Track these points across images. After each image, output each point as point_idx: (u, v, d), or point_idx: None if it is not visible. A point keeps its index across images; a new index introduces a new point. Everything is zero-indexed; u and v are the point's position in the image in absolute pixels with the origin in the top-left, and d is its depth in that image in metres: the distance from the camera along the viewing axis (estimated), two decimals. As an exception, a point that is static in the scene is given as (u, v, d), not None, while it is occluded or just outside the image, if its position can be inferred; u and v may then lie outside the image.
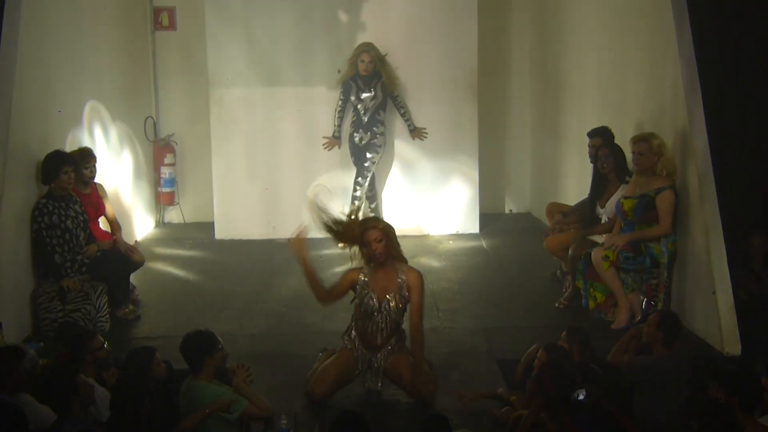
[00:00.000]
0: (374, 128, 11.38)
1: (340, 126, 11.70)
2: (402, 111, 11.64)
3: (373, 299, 7.04)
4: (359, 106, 11.36)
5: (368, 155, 11.42)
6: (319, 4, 11.78)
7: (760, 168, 8.75)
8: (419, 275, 7.15)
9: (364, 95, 11.31)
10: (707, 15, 8.55)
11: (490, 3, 12.60)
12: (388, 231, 7.05)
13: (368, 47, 11.29)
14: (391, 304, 7.03)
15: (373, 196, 11.79)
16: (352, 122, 11.48)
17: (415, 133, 11.78)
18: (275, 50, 11.74)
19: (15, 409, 5.45)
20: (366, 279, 7.09)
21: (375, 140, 11.40)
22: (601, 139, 9.23)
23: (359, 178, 11.48)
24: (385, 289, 7.04)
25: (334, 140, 11.77)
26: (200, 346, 6.24)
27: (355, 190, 11.47)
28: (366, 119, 11.35)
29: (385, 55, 11.41)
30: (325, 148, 11.82)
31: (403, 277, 7.06)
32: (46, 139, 8.74)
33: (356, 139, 11.45)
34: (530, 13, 13.15)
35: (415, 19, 11.80)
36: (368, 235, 6.99)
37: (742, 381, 5.95)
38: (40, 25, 8.77)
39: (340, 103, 11.56)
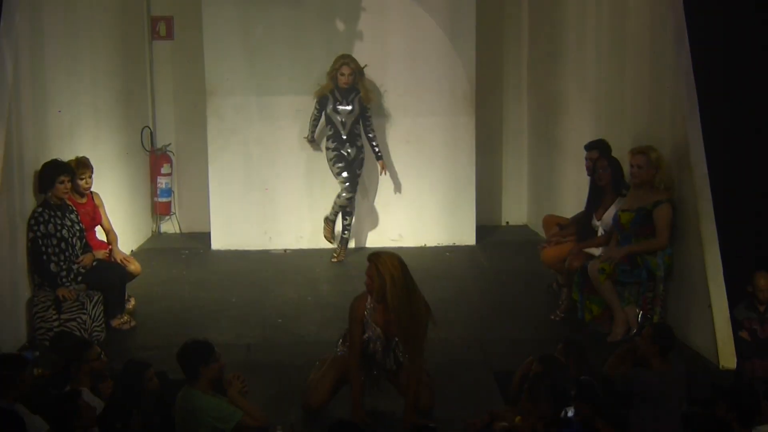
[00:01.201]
0: (357, 142, 11.19)
1: (313, 132, 11.48)
2: (371, 134, 11.26)
3: (375, 332, 6.98)
4: (336, 120, 11.11)
5: (357, 171, 11.26)
6: (317, 14, 11.79)
7: (758, 182, 8.75)
8: (427, 307, 6.98)
9: (342, 108, 11.07)
10: (705, 28, 8.56)
11: (488, 16, 12.61)
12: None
13: (348, 59, 11.09)
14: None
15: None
16: (330, 136, 11.23)
17: (381, 163, 11.43)
18: (273, 60, 11.74)
19: (15, 417, 5.45)
20: (369, 311, 7.00)
21: (361, 155, 11.25)
22: (599, 151, 9.24)
23: (352, 194, 11.23)
24: (388, 323, 6.95)
25: (311, 143, 11.60)
26: (197, 355, 6.24)
27: (347, 205, 11.23)
28: (346, 134, 11.11)
29: (365, 66, 11.22)
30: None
31: None
32: (42, 148, 8.73)
33: (345, 154, 11.15)
34: (528, 26, 13.16)
35: (413, 31, 11.81)
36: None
37: (741, 395, 5.95)
38: (37, 34, 8.77)
39: (315, 112, 11.30)
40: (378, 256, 6.92)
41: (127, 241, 11.22)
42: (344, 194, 11.13)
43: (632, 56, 9.51)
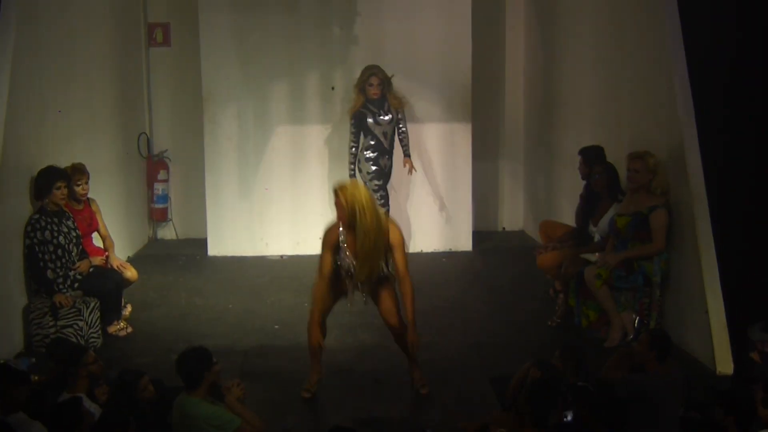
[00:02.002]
0: (392, 151, 11.19)
1: (354, 164, 11.12)
2: (402, 135, 11.22)
3: (348, 259, 7.24)
4: (378, 131, 11.00)
5: (390, 180, 11.27)
6: (313, 21, 11.80)
7: (754, 186, 8.76)
8: (399, 232, 7.33)
9: (382, 119, 11.00)
10: (701, 33, 8.58)
11: (484, 21, 12.64)
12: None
13: (376, 70, 10.98)
14: None
15: None
16: (370, 147, 11.06)
17: (407, 161, 11.32)
18: (269, 67, 11.76)
19: (7, 429, 5.46)
20: (343, 238, 7.26)
21: (392, 165, 11.23)
22: (594, 156, 9.24)
23: (387, 206, 11.05)
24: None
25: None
26: (198, 363, 6.23)
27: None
28: (387, 144, 11.06)
29: (392, 76, 11.11)
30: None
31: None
32: (39, 155, 8.72)
33: (382, 167, 11.05)
34: (524, 32, 13.18)
35: (409, 36, 11.83)
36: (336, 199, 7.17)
37: (738, 400, 5.95)
38: (34, 41, 8.77)
39: (352, 137, 11.08)
40: (343, 187, 7.23)
41: (124, 248, 11.22)
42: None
43: (629, 61, 9.53)
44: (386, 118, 11.00)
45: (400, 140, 11.26)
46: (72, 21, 9.93)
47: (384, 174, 11.09)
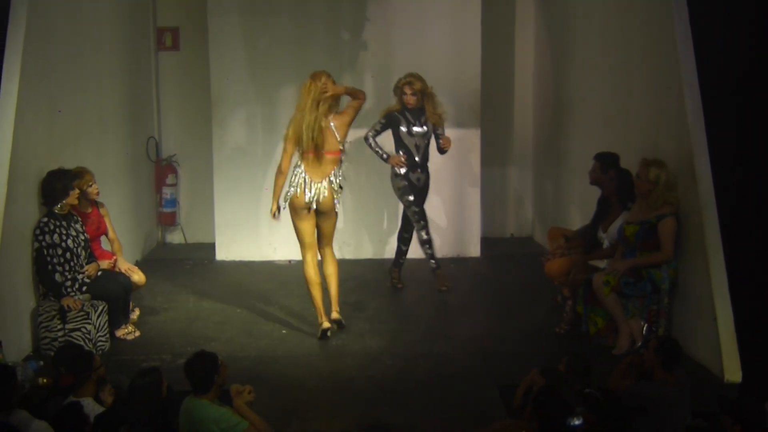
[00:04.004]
0: (426, 165, 10.49)
1: (379, 149, 10.39)
2: (444, 153, 10.60)
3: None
4: (410, 142, 10.31)
5: (426, 195, 10.60)
6: (322, 25, 11.82)
7: (763, 195, 8.74)
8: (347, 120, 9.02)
9: (416, 129, 10.29)
10: (711, 41, 8.58)
11: (493, 27, 12.65)
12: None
13: (412, 78, 10.26)
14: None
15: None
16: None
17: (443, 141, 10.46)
18: (278, 72, 11.77)
19: (9, 429, 5.47)
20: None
21: (429, 178, 10.54)
22: (610, 162, 9.21)
23: (424, 224, 10.48)
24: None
25: (397, 159, 10.39)
26: (207, 366, 6.25)
27: (421, 234, 10.47)
28: (419, 157, 10.36)
29: (431, 87, 10.36)
30: (400, 167, 10.39)
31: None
32: (47, 159, 8.74)
33: (415, 181, 10.39)
34: (534, 38, 13.19)
35: (418, 42, 11.84)
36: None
37: (746, 408, 5.92)
38: (43, 45, 8.79)
39: (373, 132, 10.41)
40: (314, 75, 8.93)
41: (132, 252, 11.25)
42: (418, 229, 10.51)
43: (638, 68, 9.52)
44: (420, 129, 10.29)
45: (438, 150, 10.54)
46: (81, 25, 9.95)
47: (416, 189, 10.42)
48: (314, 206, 8.94)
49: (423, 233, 10.42)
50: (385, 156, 10.34)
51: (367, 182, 11.99)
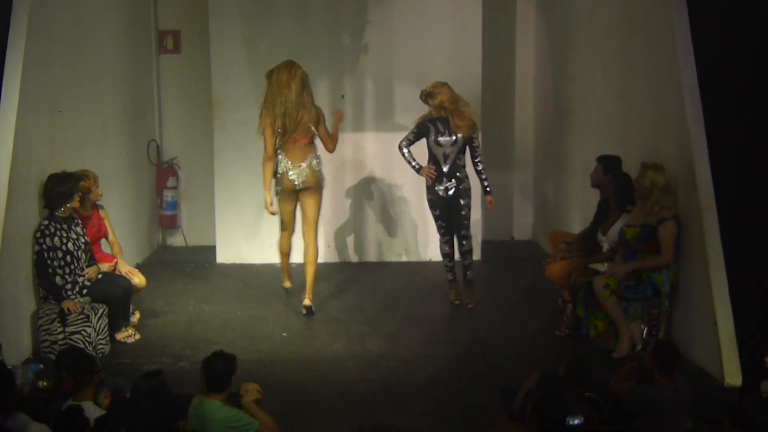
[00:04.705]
0: (458, 173, 9.85)
1: (413, 160, 9.93)
2: (478, 166, 9.99)
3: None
4: (438, 152, 9.83)
5: (462, 202, 9.88)
6: (323, 28, 11.83)
7: (764, 198, 8.74)
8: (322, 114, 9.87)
9: (443, 139, 9.81)
10: (711, 45, 8.58)
11: (494, 30, 12.65)
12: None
13: (432, 90, 9.80)
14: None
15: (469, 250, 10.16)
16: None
17: (490, 198, 10.07)
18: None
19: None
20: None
21: (463, 185, 9.90)
22: (612, 164, 9.22)
23: (463, 231, 9.99)
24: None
25: (427, 170, 9.90)
26: (226, 367, 6.30)
27: (447, 252, 10.19)
28: (447, 168, 9.81)
29: (456, 99, 9.86)
30: (429, 176, 9.89)
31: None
32: (49, 162, 8.74)
33: (440, 193, 9.89)
34: (534, 41, 13.20)
35: (419, 45, 11.84)
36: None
37: (746, 412, 5.93)
38: (44, 48, 8.79)
39: (406, 141, 9.94)
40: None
41: (133, 254, 11.25)
42: (441, 241, 10.24)
43: (639, 72, 9.52)
44: (447, 139, 9.79)
45: (477, 174, 10.04)
46: (83, 28, 9.95)
47: (443, 201, 9.93)
48: (300, 186, 9.70)
49: (444, 245, 10.18)
50: (417, 167, 9.95)
51: (368, 185, 11.99)
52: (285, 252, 10.29)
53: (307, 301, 9.76)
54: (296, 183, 9.66)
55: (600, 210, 9.30)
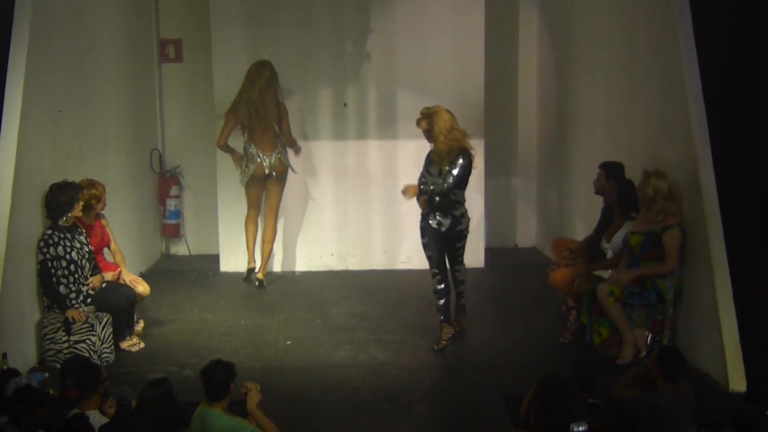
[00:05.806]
0: (453, 211, 8.72)
1: (428, 192, 8.67)
2: (445, 185, 8.62)
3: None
4: (429, 180, 8.73)
5: (458, 244, 8.92)
6: (325, 36, 11.82)
7: None
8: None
9: (431, 169, 8.76)
10: (716, 51, 8.58)
11: (497, 38, 12.65)
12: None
13: (423, 113, 8.78)
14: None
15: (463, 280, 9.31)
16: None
17: (422, 199, 8.80)
18: (281, 83, 11.71)
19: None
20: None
21: (459, 226, 8.81)
22: (615, 171, 9.22)
23: (436, 272, 9.02)
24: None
25: (422, 199, 8.78)
26: (224, 374, 6.30)
27: (439, 288, 9.06)
28: (438, 198, 8.68)
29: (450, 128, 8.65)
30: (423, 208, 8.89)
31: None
32: (51, 171, 8.75)
33: (432, 224, 8.80)
34: (537, 48, 13.20)
35: (421, 52, 11.84)
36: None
37: (750, 418, 5.92)
38: (47, 57, 8.81)
39: (420, 175, 8.83)
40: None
41: (137, 263, 11.24)
42: (432, 281, 9.14)
43: (642, 79, 9.52)
44: (434, 169, 8.74)
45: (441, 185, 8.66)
46: (85, 37, 9.96)
47: (434, 233, 8.85)
48: (268, 173, 11.10)
49: (436, 285, 9.08)
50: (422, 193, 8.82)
51: (371, 193, 12.00)
52: (251, 231, 11.48)
53: (260, 275, 11.22)
54: (266, 171, 11.06)
55: (604, 217, 9.30)
